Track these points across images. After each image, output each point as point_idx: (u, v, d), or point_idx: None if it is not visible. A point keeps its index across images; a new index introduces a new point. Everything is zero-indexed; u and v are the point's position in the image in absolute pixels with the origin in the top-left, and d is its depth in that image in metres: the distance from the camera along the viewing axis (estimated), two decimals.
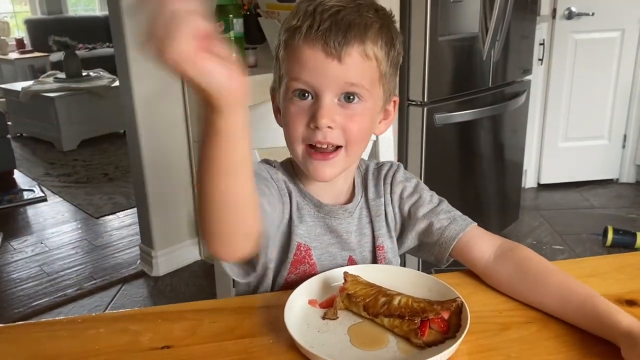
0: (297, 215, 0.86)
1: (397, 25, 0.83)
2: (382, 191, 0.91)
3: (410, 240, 0.91)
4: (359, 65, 0.76)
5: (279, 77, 0.82)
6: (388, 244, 0.91)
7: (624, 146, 3.35)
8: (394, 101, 0.87)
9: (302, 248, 0.86)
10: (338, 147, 0.79)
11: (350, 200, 0.90)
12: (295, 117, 0.78)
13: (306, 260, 0.87)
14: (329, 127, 0.76)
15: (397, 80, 0.86)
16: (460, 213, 0.89)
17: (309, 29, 0.74)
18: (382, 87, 0.81)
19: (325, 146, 0.78)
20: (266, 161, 0.90)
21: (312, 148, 0.79)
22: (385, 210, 0.91)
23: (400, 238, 0.92)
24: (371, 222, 0.90)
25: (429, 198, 0.90)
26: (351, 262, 0.89)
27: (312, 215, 0.87)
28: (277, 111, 0.86)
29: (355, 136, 0.79)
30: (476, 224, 0.88)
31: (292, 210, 0.86)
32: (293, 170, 0.89)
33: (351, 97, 0.77)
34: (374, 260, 0.90)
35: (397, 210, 0.91)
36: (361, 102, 0.78)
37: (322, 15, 0.75)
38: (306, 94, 0.77)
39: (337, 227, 0.87)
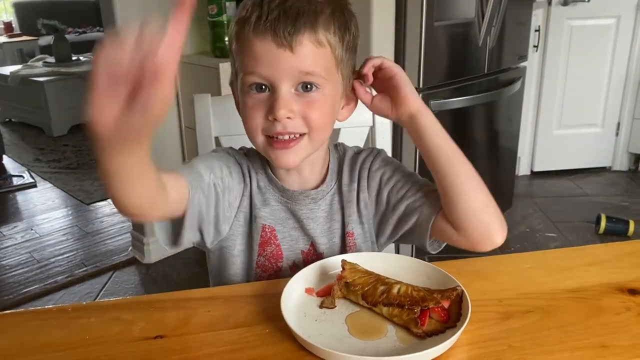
0: (261, 199, 0.87)
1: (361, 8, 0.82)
2: (356, 177, 0.90)
3: (391, 227, 0.89)
4: (312, 54, 0.75)
5: (236, 71, 0.81)
6: (358, 231, 0.90)
7: (617, 134, 3.35)
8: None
9: (267, 229, 0.87)
10: (301, 135, 0.78)
11: (318, 186, 0.89)
12: (253, 109, 0.78)
13: (272, 241, 0.88)
14: (288, 117, 0.76)
15: (354, 64, 0.83)
16: (436, 195, 0.84)
17: (258, 19, 0.73)
18: (340, 73, 0.80)
19: (286, 137, 0.77)
20: (242, 148, 0.92)
21: (272, 138, 0.78)
22: (358, 197, 0.89)
23: (382, 226, 0.90)
24: (342, 208, 0.89)
25: (405, 182, 0.87)
26: (312, 247, 0.89)
27: (276, 199, 0.88)
28: (237, 104, 0.85)
29: (317, 123, 0.78)
30: None
31: (253, 193, 0.87)
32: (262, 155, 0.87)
33: (308, 86, 0.77)
34: (343, 246, 0.90)
35: (373, 197, 0.89)
36: (319, 90, 0.77)
37: (269, 4, 0.73)
38: (263, 87, 0.77)
39: (298, 213, 0.88)
